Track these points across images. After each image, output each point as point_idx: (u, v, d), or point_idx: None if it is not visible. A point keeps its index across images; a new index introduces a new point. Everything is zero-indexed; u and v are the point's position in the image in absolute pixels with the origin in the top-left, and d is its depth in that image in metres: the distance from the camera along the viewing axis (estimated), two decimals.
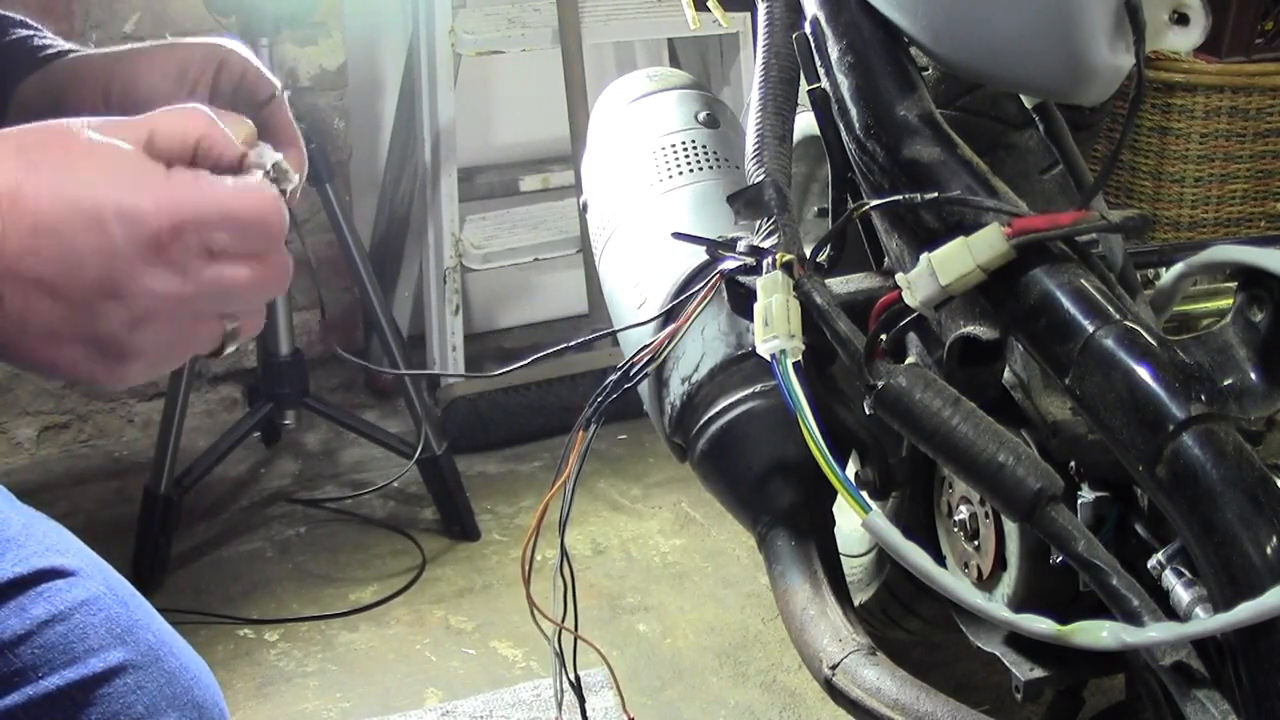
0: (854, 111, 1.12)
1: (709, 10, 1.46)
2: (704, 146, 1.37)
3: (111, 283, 0.64)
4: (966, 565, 1.17)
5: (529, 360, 1.14)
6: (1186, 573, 0.88)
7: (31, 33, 0.85)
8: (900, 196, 1.03)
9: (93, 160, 0.64)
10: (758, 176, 1.15)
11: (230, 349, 0.70)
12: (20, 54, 0.82)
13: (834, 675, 1.06)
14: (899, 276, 0.98)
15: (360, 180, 2.65)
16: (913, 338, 1.11)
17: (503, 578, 2.04)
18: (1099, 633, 0.84)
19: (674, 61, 2.77)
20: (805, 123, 1.30)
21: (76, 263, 0.63)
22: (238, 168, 0.68)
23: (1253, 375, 0.92)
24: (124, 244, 0.63)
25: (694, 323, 1.19)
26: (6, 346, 0.65)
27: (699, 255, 1.21)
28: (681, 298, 1.22)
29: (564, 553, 1.07)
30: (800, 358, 1.00)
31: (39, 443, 2.42)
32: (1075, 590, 1.08)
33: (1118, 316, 0.93)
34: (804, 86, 1.19)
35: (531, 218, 2.61)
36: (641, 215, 1.34)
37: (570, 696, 1.10)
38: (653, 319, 1.23)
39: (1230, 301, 0.95)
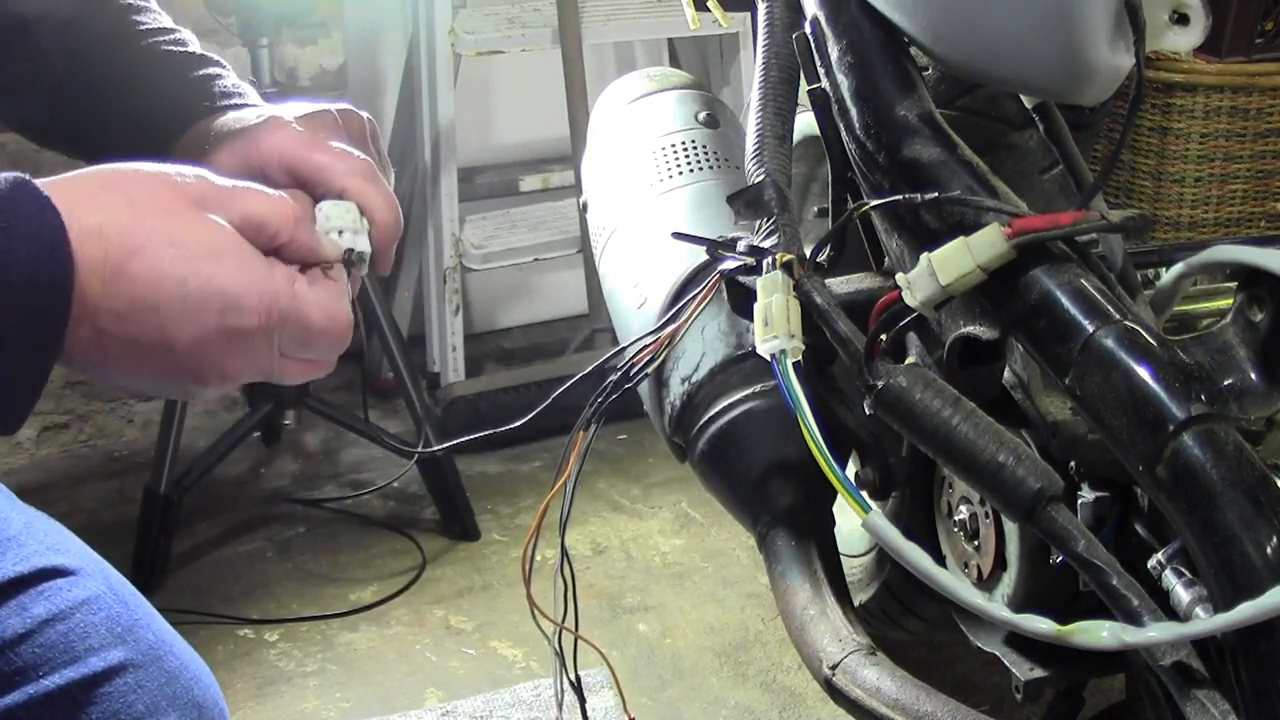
0: (854, 111, 1.12)
1: (709, 10, 1.46)
2: (704, 146, 1.37)
3: (195, 359, 0.67)
4: (966, 565, 1.17)
5: (548, 400, 1.15)
6: (1186, 573, 0.88)
7: (217, 71, 0.86)
8: (900, 196, 1.03)
9: (201, 239, 0.67)
10: (758, 176, 1.15)
11: None
12: (197, 97, 0.84)
13: (834, 675, 1.06)
14: (899, 276, 0.98)
15: None
16: (913, 338, 1.11)
17: (503, 578, 2.04)
18: (1099, 633, 0.84)
19: (674, 61, 2.77)
20: (805, 123, 1.30)
21: (169, 337, 0.66)
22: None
23: (1253, 375, 0.92)
24: (218, 330, 0.67)
25: (694, 323, 1.18)
26: (88, 369, 0.68)
27: (699, 255, 1.21)
28: (683, 299, 1.22)
29: (564, 553, 1.07)
30: (800, 358, 1.00)
31: (39, 443, 2.42)
32: (1075, 590, 1.08)
33: (1118, 316, 0.93)
34: (804, 86, 1.19)
35: (531, 218, 2.61)
36: (641, 215, 1.34)
37: (570, 696, 1.10)
38: (656, 326, 1.22)
39: (1230, 301, 0.95)
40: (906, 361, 1.06)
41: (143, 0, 0.90)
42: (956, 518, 1.17)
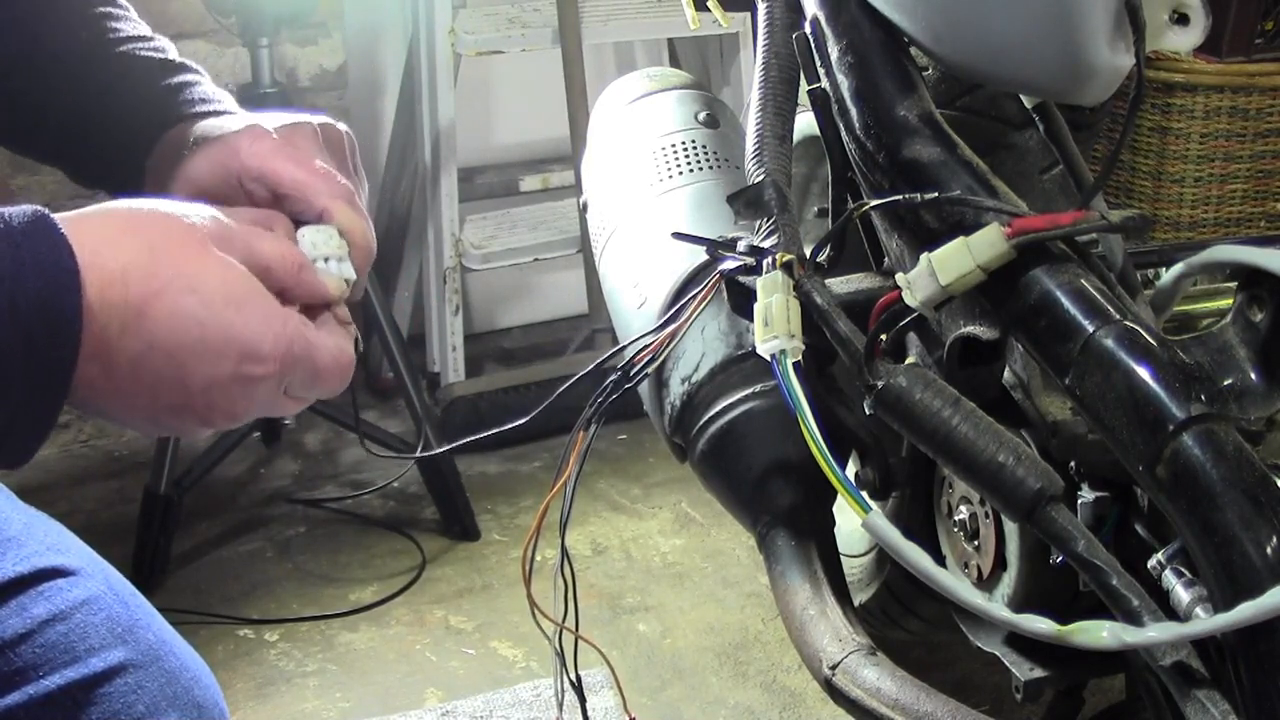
0: (854, 111, 1.12)
1: (709, 10, 1.46)
2: (704, 146, 1.37)
3: (205, 402, 0.68)
4: (966, 565, 1.17)
5: (550, 400, 1.15)
6: (1186, 573, 0.88)
7: (194, 78, 0.86)
8: (900, 196, 1.03)
9: (220, 284, 0.67)
10: (758, 176, 1.15)
11: None
12: (174, 103, 0.84)
13: (834, 675, 1.06)
14: (899, 276, 0.98)
15: None
16: (913, 338, 1.11)
17: (503, 578, 2.04)
18: (1099, 633, 0.84)
19: (674, 61, 2.77)
20: (805, 123, 1.30)
21: (184, 379, 0.67)
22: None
23: (1253, 375, 0.92)
24: (233, 376, 0.67)
25: (694, 323, 1.18)
26: (93, 406, 0.68)
27: (699, 255, 1.21)
28: (682, 299, 1.22)
29: (564, 553, 1.07)
30: (800, 358, 1.00)
31: None
32: (1075, 590, 1.08)
33: (1118, 316, 0.93)
34: (804, 86, 1.19)
35: (531, 218, 2.61)
36: (641, 215, 1.34)
37: (570, 696, 1.10)
38: (656, 326, 1.22)
39: (1230, 301, 0.95)
40: (906, 361, 1.06)
41: (120, 9, 0.90)
42: (956, 518, 1.17)
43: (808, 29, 1.18)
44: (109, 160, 0.84)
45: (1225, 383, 0.91)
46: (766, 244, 1.09)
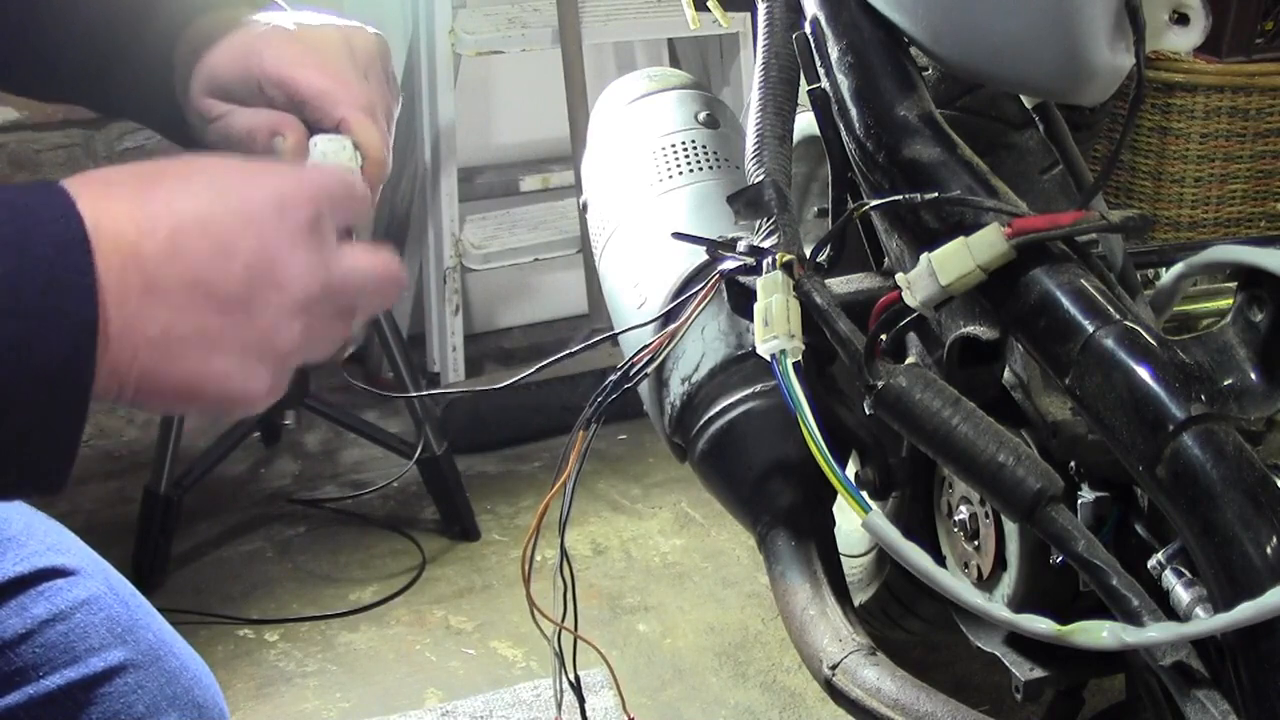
0: (854, 111, 1.12)
1: (709, 10, 1.46)
2: (704, 146, 1.37)
3: (267, 266, 0.61)
4: (966, 565, 1.17)
5: (534, 369, 1.14)
6: (1186, 573, 0.88)
7: None
8: (900, 196, 1.03)
9: (219, 165, 0.64)
10: (758, 176, 1.15)
11: (347, 350, 0.70)
12: None
13: (834, 675, 1.06)
14: (899, 276, 0.98)
15: None
16: (913, 338, 1.11)
17: (503, 578, 2.04)
18: (1099, 633, 0.84)
19: (674, 61, 2.77)
20: (805, 123, 1.30)
21: (230, 250, 0.60)
22: None
23: (1253, 375, 0.92)
24: (276, 227, 0.61)
25: (694, 323, 1.18)
26: (144, 388, 0.60)
27: (699, 255, 1.21)
28: (681, 298, 1.22)
29: (564, 553, 1.07)
30: (800, 358, 1.00)
31: None
32: (1075, 590, 1.08)
33: (1118, 316, 0.93)
34: (804, 86, 1.19)
35: (531, 218, 2.61)
36: (641, 215, 1.34)
37: (570, 696, 1.10)
38: (652, 321, 1.23)
39: (1230, 301, 0.95)
40: (906, 361, 1.06)
41: None
42: (956, 518, 1.17)
43: (808, 29, 1.18)
44: (138, 76, 0.80)
45: (1225, 383, 0.91)
46: (766, 244, 1.10)
